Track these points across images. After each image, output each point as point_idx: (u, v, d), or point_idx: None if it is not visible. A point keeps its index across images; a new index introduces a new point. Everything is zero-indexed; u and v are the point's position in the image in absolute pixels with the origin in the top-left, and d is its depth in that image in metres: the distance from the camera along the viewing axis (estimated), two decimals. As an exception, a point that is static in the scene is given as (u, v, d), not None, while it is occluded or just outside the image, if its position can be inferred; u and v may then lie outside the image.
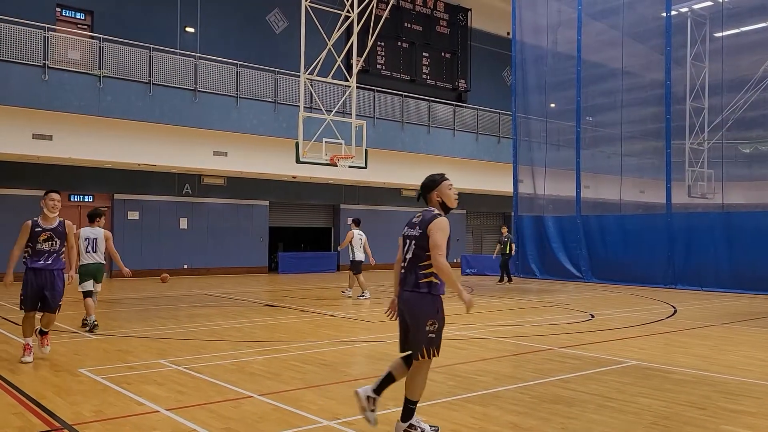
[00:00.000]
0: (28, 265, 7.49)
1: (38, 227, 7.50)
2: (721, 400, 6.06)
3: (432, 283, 4.81)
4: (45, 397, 5.97)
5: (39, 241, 7.46)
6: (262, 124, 21.32)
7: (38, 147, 17.94)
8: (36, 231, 7.48)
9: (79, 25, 21.39)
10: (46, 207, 7.55)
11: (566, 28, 23.73)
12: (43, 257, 7.50)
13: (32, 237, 7.45)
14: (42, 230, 7.52)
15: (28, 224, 7.50)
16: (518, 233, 24.26)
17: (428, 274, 4.80)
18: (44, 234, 7.51)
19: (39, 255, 7.49)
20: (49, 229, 7.55)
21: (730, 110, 21.43)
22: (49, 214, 7.55)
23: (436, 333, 4.85)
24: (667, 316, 12.62)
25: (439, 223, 4.81)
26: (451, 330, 10.50)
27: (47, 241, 7.51)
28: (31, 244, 7.47)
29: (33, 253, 7.48)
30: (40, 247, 7.48)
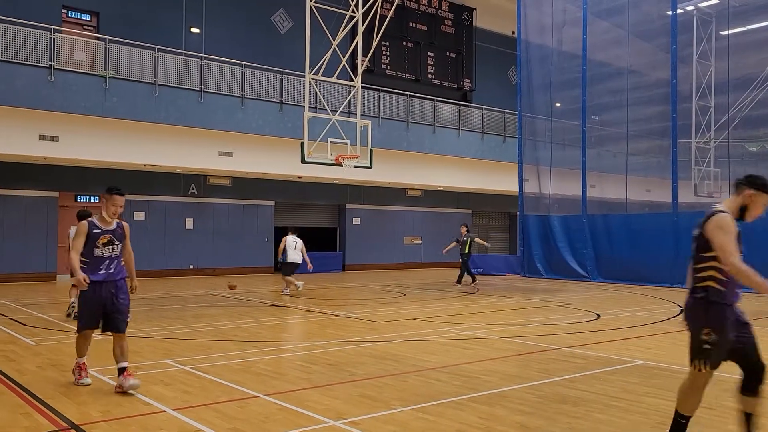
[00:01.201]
0: (90, 277, 6.32)
1: (96, 228, 6.36)
2: (729, 399, 6.03)
3: (710, 288, 4.26)
4: (52, 397, 5.99)
5: (98, 245, 6.33)
6: (267, 125, 21.35)
7: (45, 148, 18.00)
8: (94, 233, 6.33)
9: (85, 26, 21.45)
10: (106, 210, 6.41)
11: (571, 26, 23.69)
12: (104, 265, 6.37)
13: (89, 240, 6.32)
14: (101, 232, 6.37)
15: (84, 225, 6.36)
16: (524, 233, 24.23)
17: (704, 278, 4.30)
18: (104, 237, 6.37)
19: (99, 263, 6.35)
20: (108, 231, 6.43)
21: (737, 109, 21.36)
22: (107, 218, 6.44)
23: (712, 345, 4.23)
24: (673, 316, 12.58)
25: (718, 220, 4.24)
26: (457, 330, 10.51)
27: (107, 246, 6.39)
28: (86, 249, 6.34)
29: (91, 261, 6.33)
30: (100, 253, 6.35)
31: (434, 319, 11.87)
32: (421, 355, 8.23)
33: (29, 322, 11.06)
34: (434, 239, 30.11)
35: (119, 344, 6.37)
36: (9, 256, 20.10)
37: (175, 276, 22.84)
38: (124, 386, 6.13)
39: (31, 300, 14.84)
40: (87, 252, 6.32)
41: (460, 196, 30.90)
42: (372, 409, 5.65)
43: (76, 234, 6.37)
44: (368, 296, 16.46)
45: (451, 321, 11.61)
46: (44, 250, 20.76)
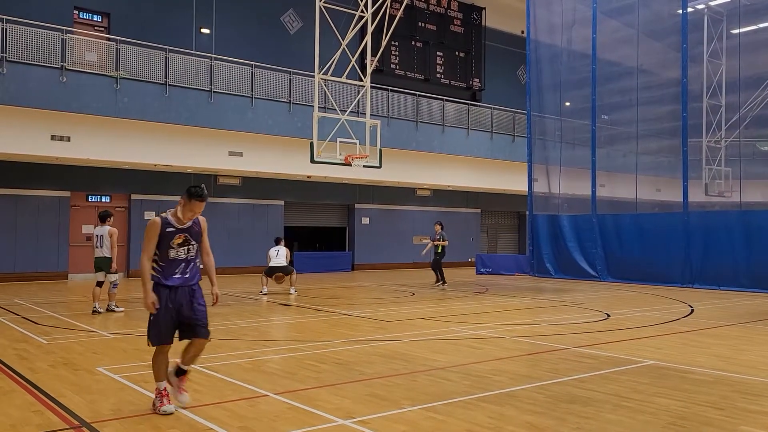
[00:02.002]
0: (161, 282, 5.52)
1: (170, 226, 5.53)
2: (740, 400, 6.01)
3: None
4: (64, 396, 6.04)
5: (173, 246, 5.52)
6: (277, 125, 21.41)
7: (56, 148, 18.13)
8: (168, 232, 5.51)
9: (96, 27, 21.59)
10: (182, 212, 5.59)
11: (581, 26, 23.61)
12: (179, 269, 5.56)
13: (162, 241, 5.50)
14: (176, 231, 5.55)
15: (156, 222, 5.51)
16: (533, 232, 24.17)
17: None
18: (179, 236, 5.55)
19: (174, 267, 5.54)
20: (183, 229, 5.59)
21: (748, 107, 21.22)
22: (183, 219, 5.60)
23: None
24: (684, 316, 12.52)
25: None
26: (467, 329, 10.50)
27: (183, 246, 5.57)
28: (159, 251, 5.52)
29: (165, 264, 5.53)
30: (175, 255, 5.53)
31: (443, 319, 11.87)
32: (430, 354, 8.24)
33: (41, 321, 11.15)
34: (443, 239, 30.07)
35: (198, 348, 5.72)
36: (21, 255, 20.26)
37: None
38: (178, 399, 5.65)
39: (44, 299, 14.95)
40: (160, 255, 5.51)
41: (469, 196, 30.86)
42: (381, 408, 5.66)
43: (146, 233, 5.50)
44: (377, 296, 16.47)
45: (461, 320, 11.61)
46: (56, 250, 20.91)
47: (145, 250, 5.49)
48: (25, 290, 17.14)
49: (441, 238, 19.52)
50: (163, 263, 5.53)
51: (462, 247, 30.79)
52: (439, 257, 19.54)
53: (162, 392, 5.57)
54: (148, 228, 5.49)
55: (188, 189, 5.58)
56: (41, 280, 20.25)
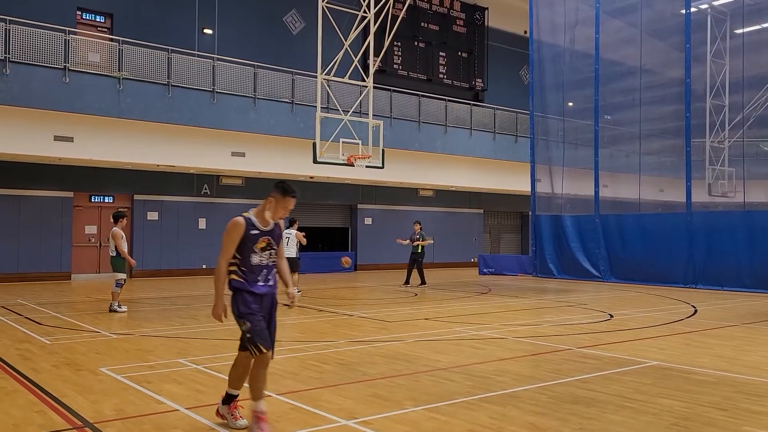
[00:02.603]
0: (246, 287, 5.01)
1: (254, 228, 4.98)
2: (743, 401, 5.99)
3: None
4: (66, 396, 6.04)
5: (255, 250, 4.98)
6: (279, 125, 21.42)
7: (59, 148, 18.16)
8: (251, 234, 4.96)
9: (99, 27, 21.62)
10: (274, 213, 5.07)
11: (584, 26, 23.57)
12: (262, 275, 5.05)
13: (245, 244, 4.95)
14: (260, 234, 5.00)
15: (240, 223, 4.94)
16: (536, 233, 24.15)
17: None
18: (263, 239, 5.01)
19: (257, 274, 5.02)
20: (267, 232, 5.04)
21: (752, 107, 21.16)
22: (274, 218, 5.11)
23: None
24: (687, 316, 12.49)
25: None
26: (469, 330, 10.49)
27: (266, 250, 5.04)
28: (241, 255, 4.98)
29: (248, 271, 5.00)
30: (258, 260, 5.01)
31: (446, 319, 11.86)
32: (433, 355, 8.23)
33: (44, 321, 11.16)
34: (446, 239, 30.08)
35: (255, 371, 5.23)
36: (24, 255, 20.29)
37: (187, 275, 22.96)
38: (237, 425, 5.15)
39: (47, 299, 14.97)
40: (242, 260, 4.96)
41: (471, 196, 30.85)
42: (384, 408, 5.66)
43: (228, 234, 4.93)
44: (380, 296, 16.47)
45: (463, 321, 11.60)
46: (59, 250, 20.94)
47: (225, 253, 4.93)
48: (28, 290, 17.17)
49: (421, 238, 19.42)
50: (245, 268, 4.98)
51: (465, 248, 30.79)
52: (420, 257, 19.39)
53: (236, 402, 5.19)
54: (231, 229, 4.91)
55: (281, 186, 5.06)
56: (44, 281, 20.28)
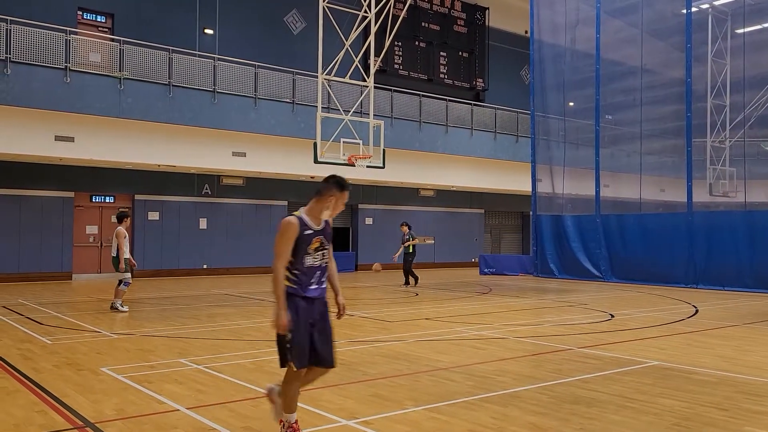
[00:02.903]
0: (300, 293, 4.65)
1: (307, 228, 4.67)
2: (744, 401, 5.99)
3: None
4: (67, 395, 6.05)
5: (309, 252, 4.67)
6: (280, 125, 21.43)
7: (60, 148, 18.17)
8: (306, 235, 4.65)
9: (100, 27, 21.63)
10: (334, 207, 4.81)
11: (585, 26, 23.57)
12: (315, 278, 4.72)
13: (299, 244, 4.63)
14: (313, 233, 4.70)
15: (294, 223, 4.62)
16: (537, 233, 24.14)
17: None
18: (316, 239, 4.70)
19: (310, 276, 4.70)
20: (320, 231, 4.74)
21: (752, 107, 21.16)
22: (332, 214, 4.85)
23: None
24: (688, 316, 12.49)
25: None
26: (470, 330, 10.49)
27: (319, 251, 4.73)
28: (293, 257, 4.64)
29: (302, 273, 4.66)
30: (312, 262, 4.69)
31: (447, 319, 11.86)
32: (433, 354, 8.23)
33: (45, 321, 11.17)
34: (447, 239, 30.09)
35: (314, 377, 4.92)
36: (25, 255, 20.30)
37: (188, 275, 22.97)
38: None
39: (47, 299, 14.98)
40: (294, 261, 4.63)
41: (472, 196, 30.84)
42: (385, 408, 5.66)
43: (282, 235, 4.59)
44: (381, 296, 16.47)
45: (464, 321, 11.60)
46: (60, 250, 20.95)
47: (281, 255, 4.57)
48: (29, 290, 17.17)
49: (410, 238, 19.41)
50: (297, 271, 4.64)
51: (465, 248, 30.78)
52: (411, 258, 19.39)
53: (294, 427, 4.74)
54: (286, 228, 4.58)
55: (337, 181, 4.77)
56: (45, 281, 20.29)
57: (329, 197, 4.75)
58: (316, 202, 4.78)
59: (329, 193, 4.74)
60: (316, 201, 4.79)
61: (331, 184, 4.76)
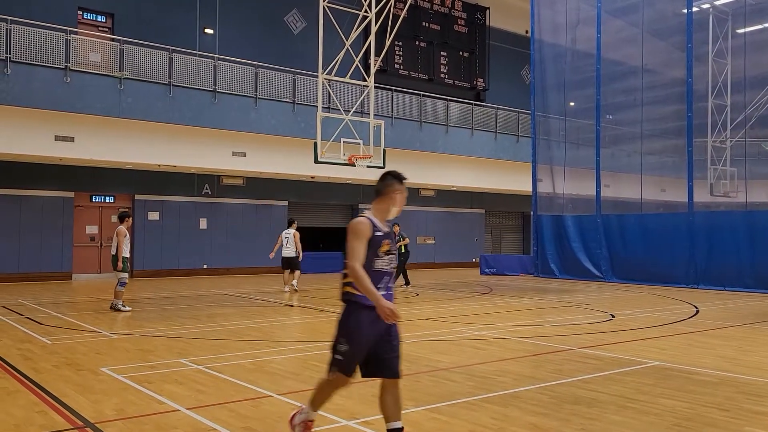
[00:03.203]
0: (363, 301, 4.34)
1: (378, 230, 4.44)
2: (745, 401, 5.97)
3: None
4: (67, 396, 6.04)
5: (379, 255, 4.42)
6: (280, 125, 21.42)
7: (60, 148, 18.17)
8: (376, 236, 4.41)
9: (100, 27, 21.62)
10: (396, 202, 4.56)
11: (585, 25, 23.55)
12: (383, 283, 4.44)
13: (369, 246, 4.39)
14: (383, 236, 4.46)
15: (365, 223, 4.40)
16: (538, 233, 24.13)
17: None
18: (386, 242, 4.47)
19: (378, 280, 4.39)
20: (388, 234, 4.51)
21: (753, 107, 21.14)
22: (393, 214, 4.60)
23: None
24: (689, 316, 12.47)
25: None
26: (470, 330, 10.48)
27: (388, 254, 4.48)
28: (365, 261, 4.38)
29: (370, 276, 4.35)
30: (381, 266, 4.44)
31: (447, 319, 11.85)
32: (434, 355, 8.22)
33: (45, 321, 11.16)
34: (448, 239, 30.08)
35: (393, 393, 4.49)
36: (25, 255, 20.30)
37: (188, 276, 22.97)
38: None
39: (47, 299, 14.98)
40: (365, 265, 4.36)
41: (473, 196, 30.83)
42: (385, 409, 5.64)
43: (355, 235, 4.37)
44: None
45: (465, 321, 11.58)
46: (60, 250, 20.95)
47: (357, 255, 4.31)
48: (29, 290, 17.17)
49: (401, 238, 19.36)
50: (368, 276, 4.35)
51: (466, 248, 30.77)
52: (404, 258, 19.22)
53: (308, 424, 4.66)
54: (358, 228, 4.36)
55: (394, 175, 4.58)
56: (45, 281, 20.29)
57: (393, 193, 4.53)
58: (379, 202, 4.55)
59: (392, 188, 4.53)
60: (378, 202, 4.56)
61: (391, 179, 4.55)
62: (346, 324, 4.40)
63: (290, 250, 16.91)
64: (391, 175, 4.58)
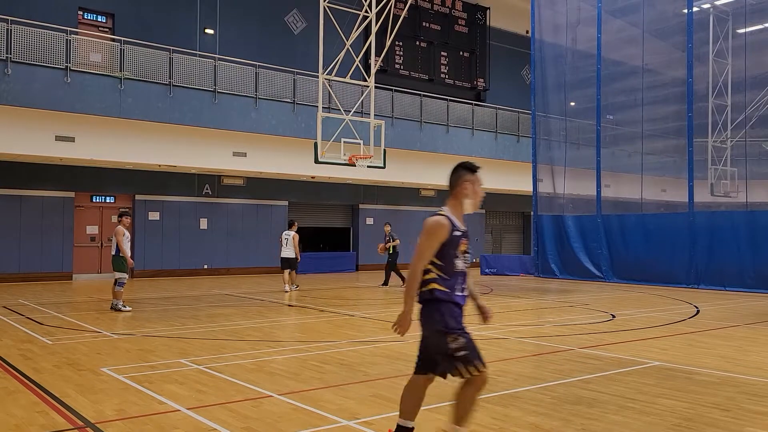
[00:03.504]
0: (452, 299, 4.24)
1: (456, 229, 4.22)
2: (746, 401, 5.97)
3: None
4: (68, 396, 6.04)
5: (458, 254, 4.24)
6: (281, 125, 21.42)
7: (61, 148, 18.17)
8: (455, 236, 4.20)
9: (101, 27, 21.63)
10: (470, 193, 4.34)
11: (586, 25, 23.55)
12: (460, 283, 4.29)
13: (448, 246, 4.18)
14: (461, 234, 4.25)
15: (445, 223, 4.18)
16: (538, 233, 24.12)
17: None
18: (464, 241, 4.28)
19: (457, 280, 4.26)
20: (466, 232, 4.32)
21: (754, 107, 21.14)
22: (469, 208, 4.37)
23: None
24: (689, 317, 12.47)
25: None
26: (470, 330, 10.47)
27: (466, 253, 4.33)
28: (443, 260, 4.19)
29: (449, 277, 4.21)
30: (460, 266, 4.26)
31: (448, 320, 11.82)
32: (434, 355, 8.21)
33: (46, 322, 11.17)
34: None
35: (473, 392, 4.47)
36: (26, 255, 20.30)
37: (189, 276, 22.97)
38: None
39: (48, 299, 14.98)
40: (445, 265, 4.18)
41: (473, 196, 30.76)
42: (385, 409, 5.64)
43: (430, 235, 4.14)
44: (382, 296, 16.45)
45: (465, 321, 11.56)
46: (60, 250, 20.95)
47: (424, 255, 4.13)
48: (30, 290, 17.17)
49: (391, 239, 19.38)
50: (447, 276, 4.20)
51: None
52: (393, 259, 19.27)
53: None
54: (435, 228, 4.14)
55: (463, 165, 4.43)
56: (45, 281, 20.29)
57: (464, 184, 4.33)
58: (454, 197, 4.34)
59: (462, 180, 4.34)
60: (452, 197, 4.35)
61: (461, 170, 4.39)
62: (444, 323, 4.21)
63: (289, 251, 17.35)
64: (461, 165, 4.41)
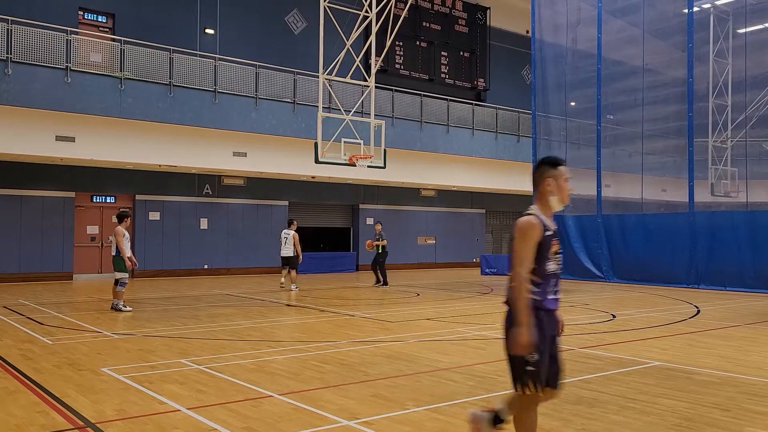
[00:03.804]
0: (543, 305, 3.97)
1: (548, 230, 3.99)
2: (746, 401, 5.97)
3: None
4: (68, 396, 6.04)
5: (550, 256, 3.99)
6: (281, 125, 21.42)
7: (61, 148, 18.18)
8: (546, 236, 3.97)
9: (101, 27, 21.63)
10: (554, 189, 4.12)
11: (586, 25, 23.54)
12: (552, 286, 4.02)
13: (541, 248, 3.94)
14: (553, 235, 4.03)
15: (536, 224, 3.95)
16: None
17: None
18: (555, 241, 4.05)
19: (550, 282, 4.01)
20: (556, 232, 4.11)
21: (754, 107, 21.15)
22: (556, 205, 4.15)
23: None
24: (690, 316, 12.46)
25: None
26: (471, 330, 10.48)
27: (557, 254, 4.07)
28: (535, 263, 3.94)
29: (543, 282, 3.97)
30: (552, 268, 4.01)
31: (448, 320, 11.84)
32: (434, 355, 8.22)
33: (46, 322, 11.17)
34: (448, 239, 30.07)
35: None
36: (26, 255, 20.31)
37: (189, 276, 22.97)
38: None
39: (48, 299, 14.98)
40: (537, 268, 3.94)
41: (473, 196, 30.83)
42: (386, 409, 5.64)
43: (524, 236, 3.90)
44: (382, 296, 16.45)
45: (465, 321, 11.58)
46: (61, 250, 20.96)
47: (524, 261, 3.87)
48: (30, 290, 17.18)
49: (380, 238, 19.46)
50: (539, 279, 3.94)
51: (467, 248, 30.77)
52: (381, 257, 19.46)
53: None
54: (528, 230, 3.90)
55: (545, 160, 4.22)
56: (46, 281, 20.30)
57: (547, 180, 4.10)
58: (540, 195, 4.12)
59: (545, 176, 4.11)
60: (539, 196, 4.13)
61: (542, 165, 4.16)
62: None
63: (288, 249, 17.56)
64: (543, 161, 4.19)
